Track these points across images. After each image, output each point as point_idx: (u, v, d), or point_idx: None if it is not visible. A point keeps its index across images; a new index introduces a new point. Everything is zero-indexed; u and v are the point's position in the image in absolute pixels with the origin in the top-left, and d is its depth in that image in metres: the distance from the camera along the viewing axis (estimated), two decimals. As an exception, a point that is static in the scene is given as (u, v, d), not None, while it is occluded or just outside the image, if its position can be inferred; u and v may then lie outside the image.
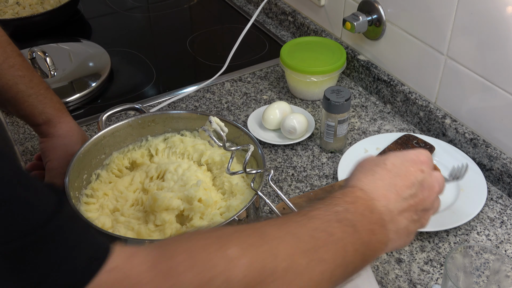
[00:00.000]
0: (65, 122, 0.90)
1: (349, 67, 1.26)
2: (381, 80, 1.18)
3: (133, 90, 1.26)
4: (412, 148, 1.03)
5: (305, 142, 1.10)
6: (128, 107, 0.98)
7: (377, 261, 0.86)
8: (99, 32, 1.50)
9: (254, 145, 0.86)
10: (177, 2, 1.61)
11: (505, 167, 0.97)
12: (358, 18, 1.15)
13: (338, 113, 1.02)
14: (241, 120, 1.15)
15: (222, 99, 1.21)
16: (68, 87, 1.22)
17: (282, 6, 1.43)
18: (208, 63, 1.34)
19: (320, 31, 1.32)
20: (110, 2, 1.61)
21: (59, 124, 0.90)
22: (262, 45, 1.40)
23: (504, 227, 0.92)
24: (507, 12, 0.90)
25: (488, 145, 1.00)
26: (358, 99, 1.21)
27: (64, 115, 0.90)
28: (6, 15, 1.43)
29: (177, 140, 0.95)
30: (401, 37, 1.12)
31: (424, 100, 1.11)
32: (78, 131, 0.92)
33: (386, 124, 1.14)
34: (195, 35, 1.47)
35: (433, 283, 0.83)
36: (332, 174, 1.02)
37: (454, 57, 1.02)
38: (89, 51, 1.34)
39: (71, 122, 0.91)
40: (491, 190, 0.99)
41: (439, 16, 1.02)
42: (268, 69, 1.31)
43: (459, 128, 1.04)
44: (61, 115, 0.90)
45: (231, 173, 0.74)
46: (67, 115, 0.91)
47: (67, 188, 0.80)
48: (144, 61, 1.35)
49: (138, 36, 1.48)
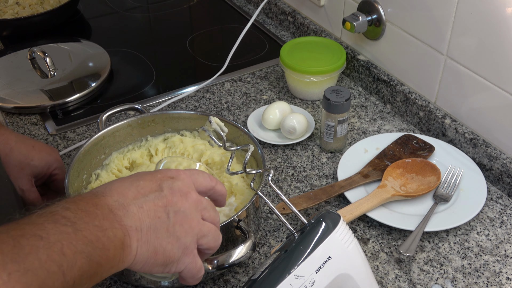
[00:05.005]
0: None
1: (349, 67, 1.26)
2: (381, 80, 1.18)
3: (133, 90, 1.25)
4: (412, 148, 1.03)
5: (305, 142, 1.10)
6: (128, 107, 0.98)
7: (377, 261, 0.86)
8: (99, 32, 1.50)
9: (254, 145, 0.86)
10: (177, 2, 1.61)
11: (505, 167, 0.97)
12: (358, 18, 1.15)
13: (338, 113, 1.02)
14: (241, 120, 1.15)
15: (222, 99, 1.21)
16: (68, 87, 1.22)
17: (282, 6, 1.43)
18: (208, 63, 1.35)
19: (320, 31, 1.32)
20: (110, 2, 1.61)
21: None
22: (262, 45, 1.40)
23: (504, 227, 0.92)
24: (507, 12, 0.90)
25: (488, 145, 1.00)
26: (358, 99, 1.21)
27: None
28: (6, 15, 1.43)
29: (177, 140, 0.95)
30: (401, 37, 1.12)
31: (424, 100, 1.11)
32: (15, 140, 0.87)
33: (386, 124, 1.14)
34: (195, 35, 1.47)
35: (433, 283, 0.83)
36: (332, 174, 1.02)
37: (454, 57, 1.02)
38: (89, 51, 1.34)
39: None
40: (491, 190, 0.99)
41: (439, 16, 1.02)
42: (268, 69, 1.31)
43: (459, 128, 1.04)
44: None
45: (231, 173, 0.74)
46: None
47: (67, 188, 0.80)
48: (144, 61, 1.35)
49: (138, 36, 1.48)
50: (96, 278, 0.50)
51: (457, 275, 0.85)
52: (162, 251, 0.56)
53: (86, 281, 0.48)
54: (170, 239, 0.57)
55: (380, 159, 1.02)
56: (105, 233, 0.50)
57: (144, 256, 0.55)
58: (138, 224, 0.54)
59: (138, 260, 0.55)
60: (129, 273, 0.79)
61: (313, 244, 0.64)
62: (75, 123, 1.15)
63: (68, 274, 0.46)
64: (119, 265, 0.53)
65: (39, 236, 0.45)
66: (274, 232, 0.92)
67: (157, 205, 0.57)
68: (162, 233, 0.57)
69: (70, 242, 0.47)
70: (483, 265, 0.86)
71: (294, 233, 0.67)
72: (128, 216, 0.54)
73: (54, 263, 0.45)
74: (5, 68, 1.27)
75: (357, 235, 0.91)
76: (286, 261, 0.63)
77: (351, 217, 0.89)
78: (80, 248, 0.48)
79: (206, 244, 0.61)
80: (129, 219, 0.54)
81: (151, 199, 0.57)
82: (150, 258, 0.56)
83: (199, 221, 0.60)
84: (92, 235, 0.49)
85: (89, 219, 0.50)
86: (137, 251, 0.54)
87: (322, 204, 0.97)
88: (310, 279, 0.63)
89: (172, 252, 0.57)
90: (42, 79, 1.23)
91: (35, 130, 1.13)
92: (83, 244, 0.48)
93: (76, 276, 0.47)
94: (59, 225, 0.47)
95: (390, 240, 0.90)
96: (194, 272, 0.61)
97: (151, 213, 0.56)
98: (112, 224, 0.52)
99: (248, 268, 0.86)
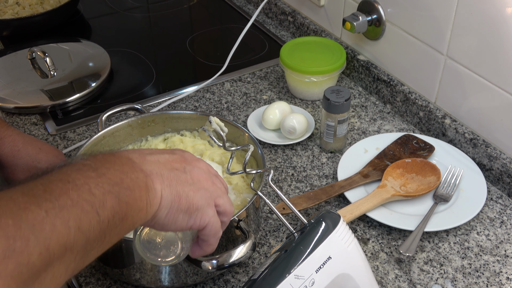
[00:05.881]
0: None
1: (349, 67, 1.26)
2: (381, 80, 1.18)
3: (133, 90, 1.26)
4: (412, 148, 1.03)
5: (305, 142, 1.10)
6: (128, 107, 0.98)
7: (377, 261, 0.86)
8: (99, 32, 1.50)
9: (254, 145, 0.86)
10: (177, 2, 1.61)
11: (505, 167, 0.97)
12: (358, 18, 1.15)
13: (338, 113, 1.02)
14: (241, 120, 1.15)
15: (222, 99, 1.21)
16: (68, 87, 1.22)
17: (282, 6, 1.43)
18: (208, 63, 1.35)
19: (320, 31, 1.32)
20: (110, 2, 1.61)
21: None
22: (262, 45, 1.40)
23: (504, 227, 0.92)
24: (507, 12, 0.90)
25: (488, 145, 1.00)
26: (358, 99, 1.21)
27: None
28: (6, 15, 1.43)
29: (177, 140, 0.95)
30: (401, 37, 1.12)
31: (424, 100, 1.11)
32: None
33: (386, 124, 1.14)
34: (195, 35, 1.47)
35: (433, 283, 0.83)
36: (332, 174, 1.02)
37: (454, 57, 1.02)
38: (89, 51, 1.34)
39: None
40: (491, 190, 0.99)
41: (439, 16, 1.02)
42: (268, 69, 1.31)
43: (459, 128, 1.05)
44: None
45: (231, 173, 0.74)
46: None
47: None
48: (144, 61, 1.35)
49: (138, 36, 1.48)
50: (128, 221, 0.51)
51: (457, 275, 0.85)
52: (185, 196, 0.57)
53: (119, 222, 0.50)
54: (191, 187, 0.58)
55: (380, 159, 1.02)
56: (127, 175, 0.52)
57: (168, 200, 0.56)
58: (158, 170, 0.56)
59: (163, 204, 0.56)
60: (129, 273, 0.79)
61: (313, 244, 0.64)
62: (75, 123, 1.15)
63: (101, 213, 0.47)
64: (147, 208, 0.53)
65: (66, 180, 0.47)
66: (274, 232, 0.92)
67: (173, 160, 0.59)
68: (182, 181, 0.58)
69: (97, 184, 0.48)
70: (483, 265, 0.86)
71: (294, 233, 0.67)
72: (147, 163, 0.55)
73: (86, 202, 0.46)
74: (5, 68, 1.27)
75: (357, 235, 0.91)
76: (286, 261, 0.63)
77: (351, 217, 0.89)
78: (108, 189, 0.49)
79: (223, 205, 0.62)
80: (148, 166, 0.55)
81: (166, 157, 0.59)
82: (174, 202, 0.57)
83: (213, 182, 0.62)
84: (116, 177, 0.51)
85: (109, 165, 0.51)
86: (161, 193, 0.55)
87: (322, 204, 0.97)
88: (310, 279, 0.63)
89: (195, 199, 0.58)
90: (42, 79, 1.23)
91: (35, 130, 1.13)
92: (109, 185, 0.49)
93: (110, 215, 0.48)
94: (82, 172, 0.49)
95: (390, 240, 0.90)
96: (217, 229, 0.61)
97: (168, 165, 0.58)
98: (133, 168, 0.53)
99: (248, 268, 0.86)
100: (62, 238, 0.43)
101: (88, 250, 0.47)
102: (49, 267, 0.43)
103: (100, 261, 0.83)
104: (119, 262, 0.80)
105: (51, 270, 0.43)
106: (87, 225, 0.46)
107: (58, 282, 0.45)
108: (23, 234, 0.41)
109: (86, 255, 0.47)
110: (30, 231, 0.41)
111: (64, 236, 0.44)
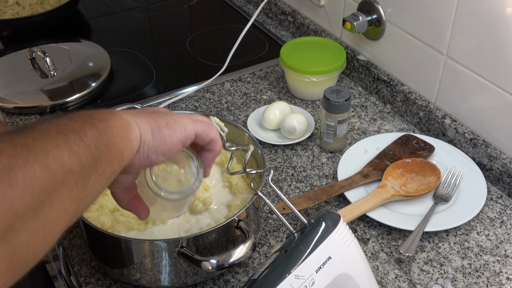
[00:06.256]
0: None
1: (349, 67, 1.26)
2: (381, 80, 1.18)
3: (133, 90, 1.26)
4: (412, 148, 1.03)
5: (305, 142, 1.10)
6: (128, 107, 0.97)
7: (377, 261, 0.86)
8: (99, 32, 1.50)
9: (254, 145, 0.86)
10: (177, 2, 1.61)
11: (505, 167, 0.97)
12: (358, 18, 1.15)
13: (338, 113, 1.02)
14: (241, 120, 1.15)
15: (222, 99, 1.21)
16: (68, 87, 1.22)
17: (282, 6, 1.43)
18: (208, 63, 1.35)
19: (320, 31, 1.32)
20: (110, 2, 1.61)
21: None
22: (262, 45, 1.40)
23: (504, 227, 0.92)
24: (507, 12, 0.90)
25: (488, 145, 1.00)
26: (358, 99, 1.21)
27: None
28: (6, 15, 1.43)
29: (177, 140, 0.95)
30: (401, 37, 1.12)
31: (424, 100, 1.11)
32: None
33: (386, 124, 1.14)
34: (195, 35, 1.47)
35: (433, 283, 0.83)
36: (332, 174, 1.02)
37: (454, 57, 1.02)
38: (89, 51, 1.34)
39: None
40: (491, 190, 0.99)
41: (439, 16, 1.02)
42: (268, 69, 1.31)
43: (459, 128, 1.05)
44: None
45: (231, 173, 0.74)
46: None
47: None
48: (144, 61, 1.35)
49: (138, 36, 1.48)
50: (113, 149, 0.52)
51: (457, 275, 0.85)
52: (157, 117, 0.58)
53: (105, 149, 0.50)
54: (161, 114, 0.60)
55: (380, 159, 1.02)
56: (100, 115, 0.53)
57: (144, 123, 0.57)
58: (128, 112, 0.57)
59: (142, 128, 0.56)
60: (129, 273, 0.79)
61: (313, 244, 0.64)
62: (75, 123, 1.14)
63: (85, 139, 0.48)
64: (128, 135, 0.54)
65: (42, 122, 0.48)
66: (274, 232, 0.92)
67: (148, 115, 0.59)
68: (150, 113, 0.59)
69: (70, 118, 0.50)
70: (483, 265, 0.86)
71: (294, 233, 0.67)
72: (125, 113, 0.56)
73: (67, 130, 0.48)
74: (5, 68, 1.28)
75: (357, 235, 0.91)
76: (286, 261, 0.63)
77: (351, 217, 0.89)
78: (83, 120, 0.50)
79: (203, 131, 0.62)
80: (127, 114, 0.56)
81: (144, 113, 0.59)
82: (151, 123, 0.57)
83: (189, 115, 0.63)
84: (88, 115, 0.52)
85: (81, 113, 0.52)
86: (135, 122, 0.56)
87: (322, 204, 0.97)
88: (310, 279, 0.63)
89: (167, 116, 0.59)
90: (42, 79, 1.23)
91: (35, 130, 1.13)
92: (84, 118, 0.51)
93: (94, 141, 0.49)
94: (55, 118, 0.50)
95: (390, 240, 0.90)
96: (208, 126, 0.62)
97: (140, 111, 0.59)
98: (104, 112, 0.54)
99: (248, 268, 0.86)
100: (57, 158, 0.45)
101: (86, 177, 0.48)
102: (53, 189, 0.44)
103: (100, 261, 0.83)
104: (119, 262, 0.80)
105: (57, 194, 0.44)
106: (76, 148, 0.47)
107: (65, 207, 0.45)
108: (22, 153, 0.43)
109: (86, 182, 0.48)
110: (27, 151, 0.43)
111: (58, 157, 0.45)
